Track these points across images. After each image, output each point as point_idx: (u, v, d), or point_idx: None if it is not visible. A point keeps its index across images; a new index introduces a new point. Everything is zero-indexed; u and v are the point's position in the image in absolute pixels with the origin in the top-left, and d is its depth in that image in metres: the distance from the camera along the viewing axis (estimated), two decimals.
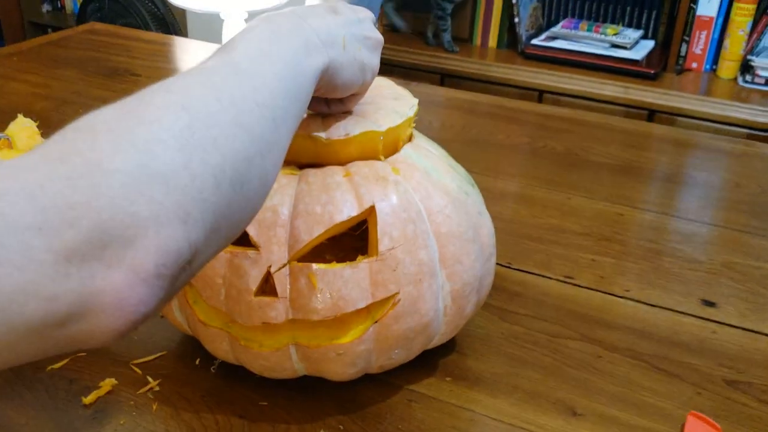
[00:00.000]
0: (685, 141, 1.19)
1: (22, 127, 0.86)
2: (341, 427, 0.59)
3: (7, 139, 0.86)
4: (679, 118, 1.94)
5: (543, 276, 0.79)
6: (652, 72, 2.00)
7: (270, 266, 0.54)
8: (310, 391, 0.61)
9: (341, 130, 0.57)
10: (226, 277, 0.54)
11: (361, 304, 0.54)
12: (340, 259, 0.55)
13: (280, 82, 0.42)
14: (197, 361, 0.65)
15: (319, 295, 0.53)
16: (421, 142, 0.64)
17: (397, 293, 0.55)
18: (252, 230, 0.54)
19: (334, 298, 0.54)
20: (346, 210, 0.55)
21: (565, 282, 0.78)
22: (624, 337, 0.70)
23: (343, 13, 0.53)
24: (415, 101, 0.63)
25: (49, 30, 3.38)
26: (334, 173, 0.57)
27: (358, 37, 0.53)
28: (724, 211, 0.95)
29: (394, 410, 0.60)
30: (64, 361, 0.64)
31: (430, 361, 0.65)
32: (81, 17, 2.74)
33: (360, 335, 0.55)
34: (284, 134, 0.42)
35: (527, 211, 0.93)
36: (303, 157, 0.57)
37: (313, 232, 0.54)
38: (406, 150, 0.61)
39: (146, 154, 0.32)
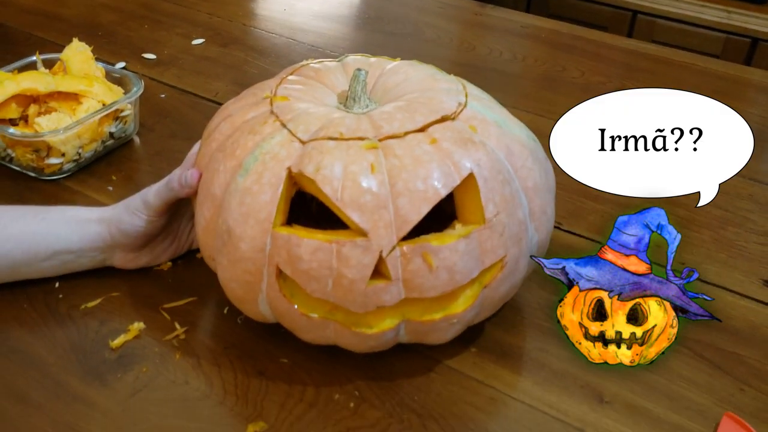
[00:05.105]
0: None
1: (77, 51, 0.86)
2: (357, 393, 0.58)
3: (62, 62, 0.86)
4: None
5: (594, 241, 0.75)
6: None
7: (381, 251, 0.51)
8: (333, 353, 0.60)
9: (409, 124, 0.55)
10: (333, 267, 0.51)
11: (475, 274, 0.54)
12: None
13: None
14: (225, 310, 0.65)
15: (436, 273, 0.52)
16: (473, 90, 0.61)
17: (505, 256, 0.55)
18: (356, 216, 0.51)
19: (451, 273, 0.52)
20: (449, 182, 0.52)
21: None
22: None
23: None
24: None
25: None
26: (420, 142, 0.53)
27: None
28: None
29: (413, 380, 0.59)
30: (98, 300, 0.65)
31: None
32: None
33: (471, 302, 0.55)
34: None
35: None
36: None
37: (421, 210, 0.51)
38: (472, 104, 0.58)
39: None
